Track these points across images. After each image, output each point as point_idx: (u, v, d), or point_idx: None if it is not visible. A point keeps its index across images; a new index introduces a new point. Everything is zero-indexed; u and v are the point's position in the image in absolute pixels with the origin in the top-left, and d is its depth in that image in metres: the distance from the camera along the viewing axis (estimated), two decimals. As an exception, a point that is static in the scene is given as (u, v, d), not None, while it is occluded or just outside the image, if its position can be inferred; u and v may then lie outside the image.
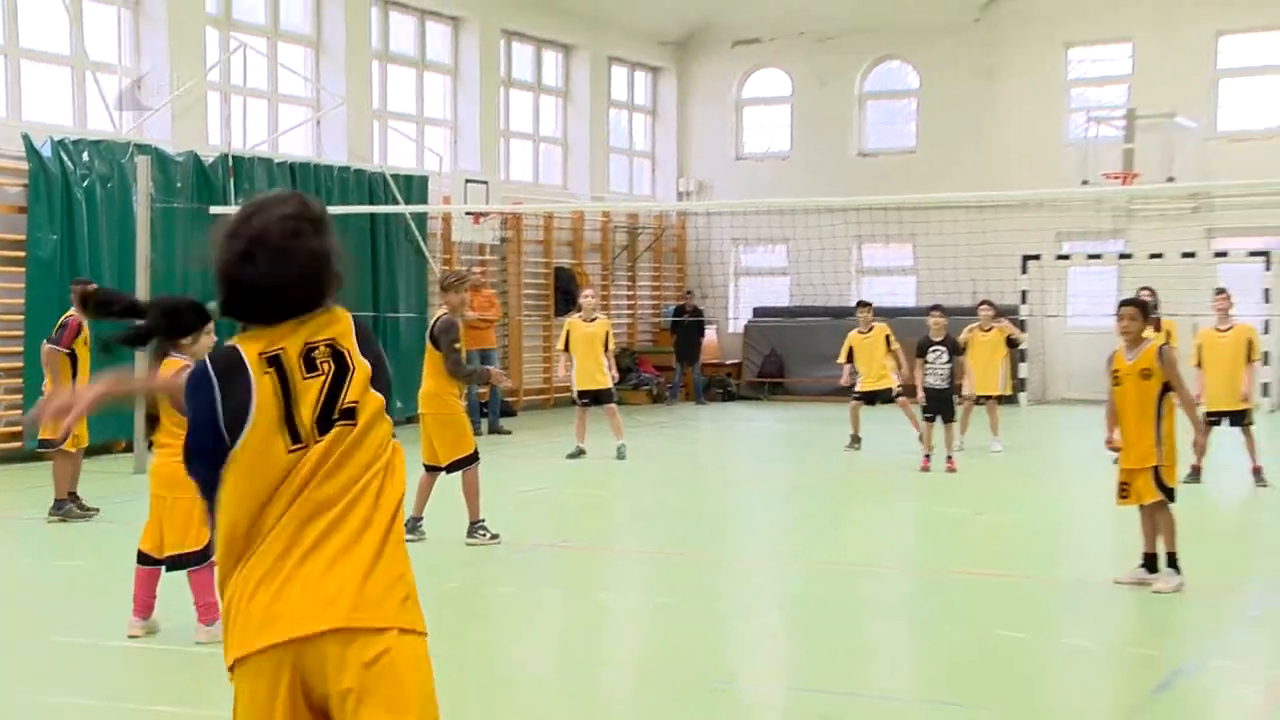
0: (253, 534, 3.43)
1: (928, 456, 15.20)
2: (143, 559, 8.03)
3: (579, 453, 16.28)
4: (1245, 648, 8.08)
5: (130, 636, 7.96)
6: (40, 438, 12.29)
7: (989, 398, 17.01)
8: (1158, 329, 13.63)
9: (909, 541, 12.05)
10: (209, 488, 3.48)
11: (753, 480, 16.12)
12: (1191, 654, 7.76)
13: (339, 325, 3.59)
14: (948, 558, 10.73)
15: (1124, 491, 9.26)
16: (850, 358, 17.07)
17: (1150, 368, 9.13)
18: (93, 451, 16.75)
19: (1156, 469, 9.11)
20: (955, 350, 15.50)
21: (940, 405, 15.26)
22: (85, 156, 16.87)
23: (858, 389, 17.05)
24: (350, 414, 3.50)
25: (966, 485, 14.41)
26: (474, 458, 10.86)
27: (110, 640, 7.98)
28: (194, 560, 7.90)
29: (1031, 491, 14.61)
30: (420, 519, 10.96)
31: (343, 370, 3.53)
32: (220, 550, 3.48)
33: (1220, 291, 14.80)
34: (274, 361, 3.46)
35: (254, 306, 3.52)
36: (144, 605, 8.04)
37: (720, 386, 26.62)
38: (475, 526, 10.91)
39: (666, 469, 16.78)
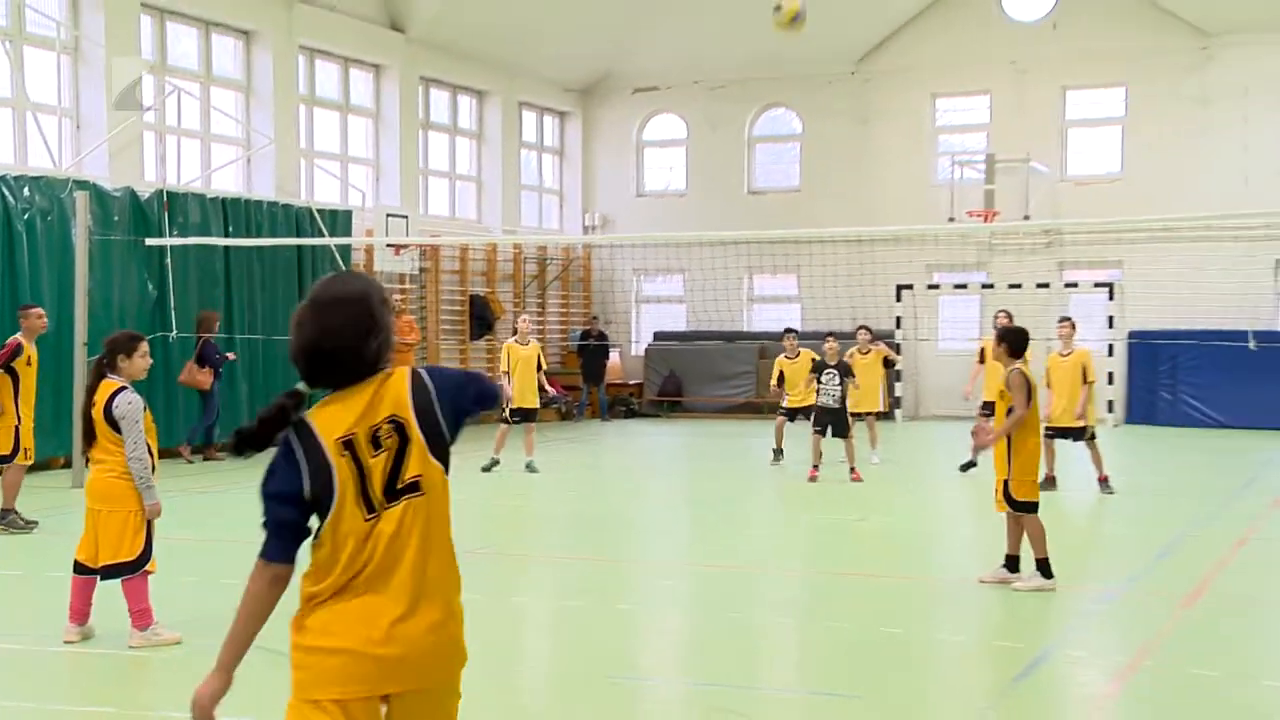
0: (338, 586, 3.68)
1: (815, 467, 15.32)
2: (78, 568, 7.85)
3: (494, 464, 16.12)
4: (1095, 639, 8.20)
5: (66, 642, 7.76)
6: None
7: (869, 414, 17.19)
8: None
9: (798, 546, 12.10)
10: (285, 544, 3.79)
11: (655, 490, 16.12)
12: (1048, 645, 7.86)
13: (397, 394, 3.70)
14: (833, 560, 10.79)
15: (997, 499, 9.41)
16: (781, 380, 16.98)
17: (1004, 389, 9.35)
18: (33, 467, 16.37)
19: (1006, 482, 9.26)
20: (846, 373, 15.66)
21: (832, 421, 15.42)
22: (26, 191, 16.49)
23: (784, 405, 17.01)
24: (414, 487, 3.66)
25: (850, 494, 14.52)
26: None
27: (47, 646, 7.77)
28: (128, 570, 7.73)
29: (908, 499, 14.75)
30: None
31: (405, 443, 3.66)
32: (304, 593, 3.79)
33: (1063, 320, 14.95)
34: (349, 445, 3.62)
35: (321, 377, 3.75)
36: (79, 612, 7.85)
37: (623, 405, 26.61)
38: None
39: (577, 481, 16.73)
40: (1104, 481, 14.20)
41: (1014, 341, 9.54)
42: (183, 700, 6.80)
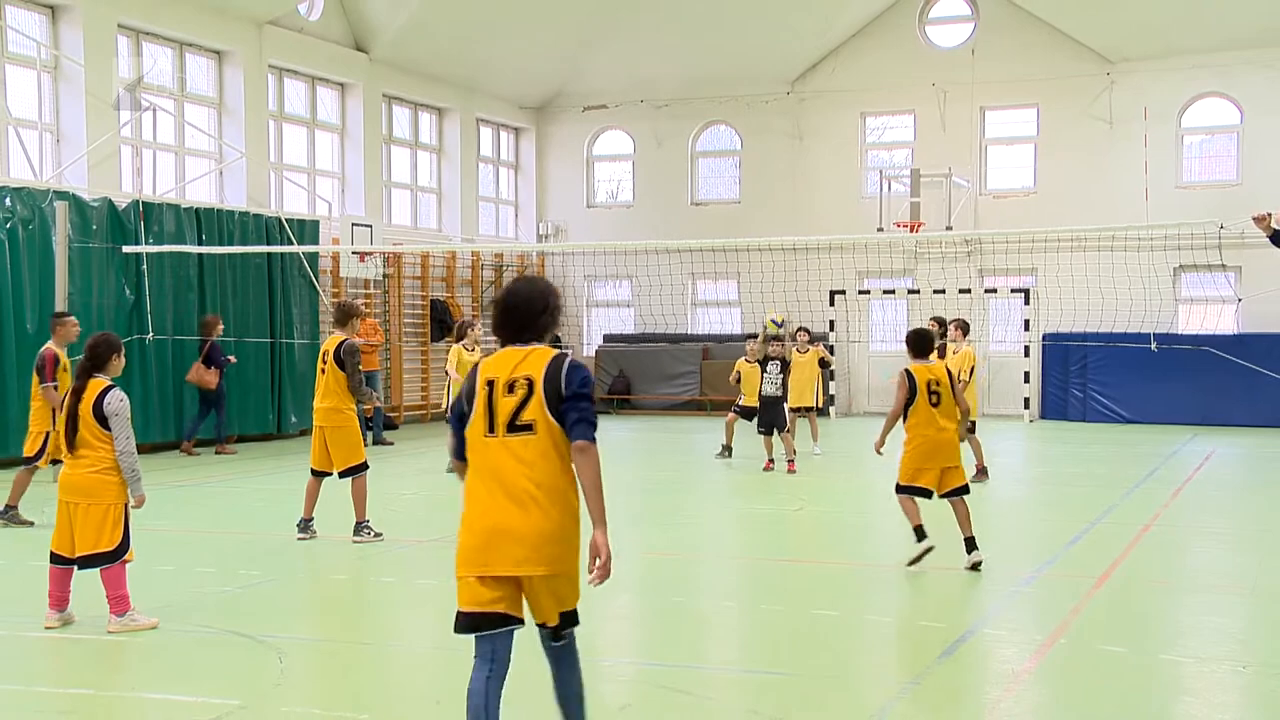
0: (469, 483, 4.98)
1: (771, 460, 15.47)
2: (55, 559, 7.72)
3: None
4: (1014, 619, 8.25)
5: (46, 628, 7.63)
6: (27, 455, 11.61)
7: (807, 409, 17.28)
8: (941, 355, 13.96)
9: (739, 534, 12.10)
10: (459, 447, 5.00)
11: (605, 482, 16.04)
12: (970, 626, 7.90)
13: (536, 362, 4.84)
14: (772, 547, 10.80)
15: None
16: (739, 380, 16.89)
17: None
18: (15, 463, 16.12)
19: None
20: (786, 368, 15.83)
21: (772, 414, 15.49)
22: (8, 201, 16.22)
23: (739, 403, 16.95)
24: (527, 426, 4.79)
25: (789, 485, 14.54)
26: (364, 466, 10.64)
27: (28, 631, 7.63)
28: (106, 560, 7.63)
29: (842, 490, 14.81)
30: (311, 519, 10.72)
31: (528, 394, 4.79)
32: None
33: (951, 322, 14.75)
34: (489, 385, 4.86)
35: (501, 329, 4.97)
36: (59, 599, 7.73)
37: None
38: (361, 526, 10.69)
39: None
40: (981, 470, 14.26)
41: (913, 343, 9.69)
42: (157, 682, 6.72)
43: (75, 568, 7.70)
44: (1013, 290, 24.32)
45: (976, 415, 14.58)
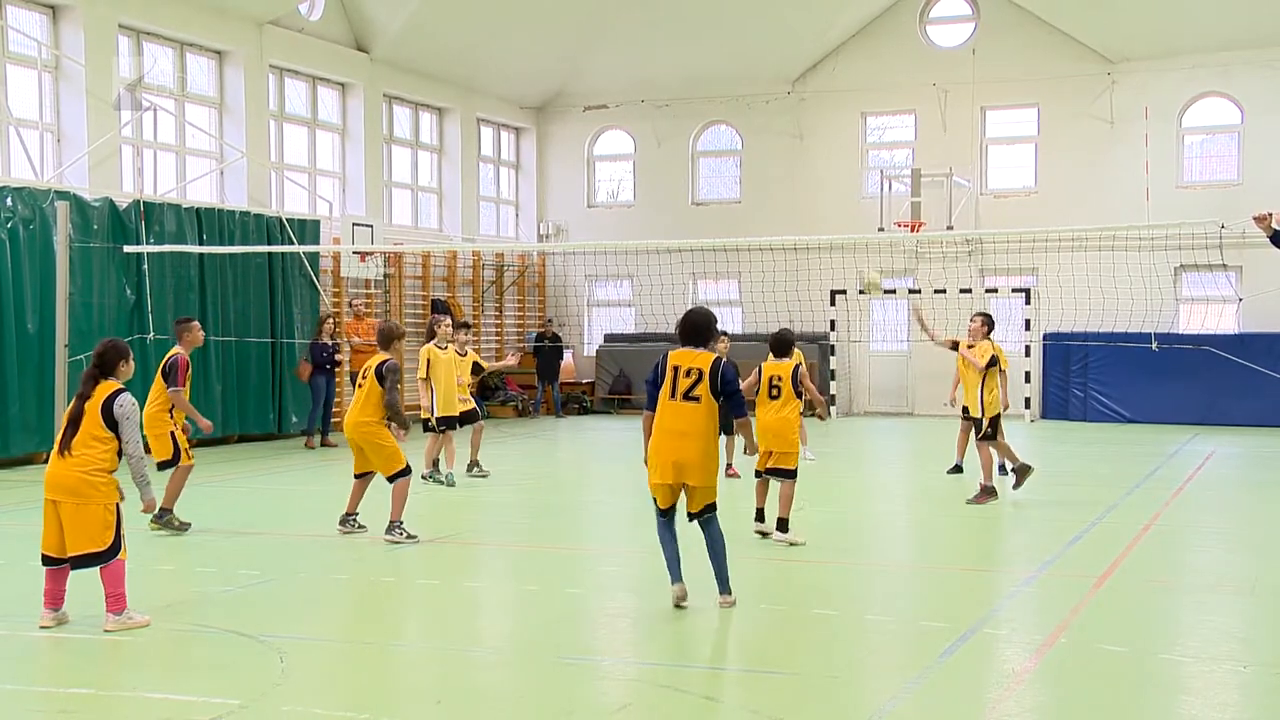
0: (657, 426, 8.24)
1: (730, 465, 15.22)
2: (47, 561, 7.72)
3: (431, 476, 14.74)
4: (1015, 618, 8.25)
5: (42, 627, 7.63)
6: (159, 460, 11.18)
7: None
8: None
9: (738, 533, 12.06)
10: (652, 402, 8.32)
11: (605, 482, 16.07)
12: (971, 625, 7.90)
13: (704, 360, 8.17)
14: (772, 546, 10.77)
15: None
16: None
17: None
18: (14, 462, 16.14)
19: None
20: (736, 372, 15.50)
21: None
22: (9, 201, 16.21)
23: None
24: (695, 397, 8.09)
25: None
26: (407, 470, 10.74)
27: (25, 631, 7.63)
28: (99, 560, 7.62)
29: (844, 490, 14.79)
30: (354, 514, 11.00)
31: (699, 380, 8.09)
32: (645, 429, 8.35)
33: (976, 315, 14.49)
34: (674, 369, 8.19)
35: (685, 340, 8.32)
36: (53, 598, 7.73)
37: (576, 402, 26.54)
38: (394, 526, 10.68)
39: (531, 473, 16.64)
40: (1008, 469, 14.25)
41: (774, 345, 10.94)
42: (157, 681, 6.72)
43: (68, 568, 7.70)
44: (1013, 290, 24.30)
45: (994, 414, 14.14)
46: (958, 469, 15.14)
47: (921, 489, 14.41)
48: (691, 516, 8.22)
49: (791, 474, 10.57)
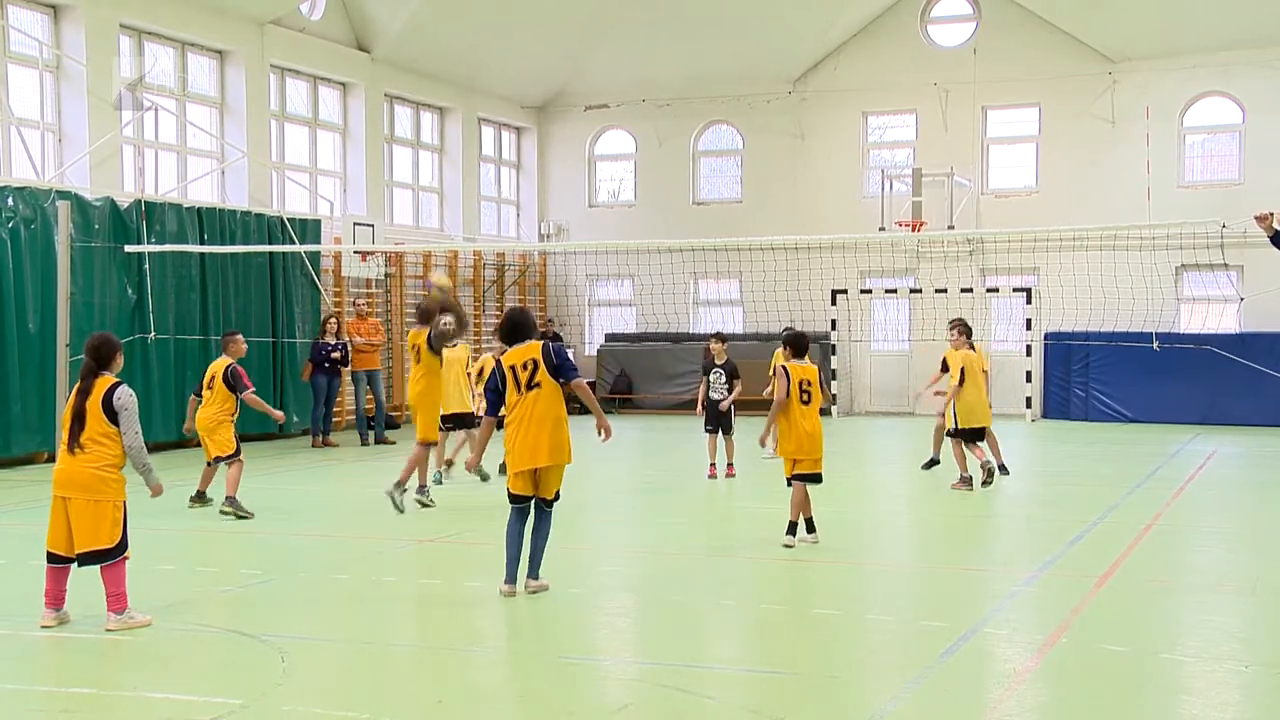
0: (510, 422, 8.56)
1: (713, 465, 15.22)
2: (52, 558, 7.72)
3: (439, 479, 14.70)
4: (1016, 618, 8.24)
5: (43, 627, 7.64)
6: (217, 455, 12.39)
7: None
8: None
9: (738, 533, 12.09)
10: (494, 408, 8.67)
11: (605, 481, 16.06)
12: (972, 625, 7.89)
13: (534, 350, 8.61)
14: (772, 546, 10.77)
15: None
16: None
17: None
18: (17, 461, 16.15)
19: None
20: (733, 374, 15.52)
21: (718, 419, 15.32)
22: (10, 201, 16.22)
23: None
24: (538, 384, 8.53)
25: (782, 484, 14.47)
26: (432, 444, 12.81)
27: (27, 631, 7.64)
28: (106, 557, 7.63)
29: (845, 490, 14.75)
30: (429, 483, 12.81)
31: (535, 368, 8.54)
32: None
33: (954, 325, 14.50)
34: (512, 368, 8.57)
35: (511, 339, 8.76)
36: (55, 598, 7.73)
37: (577, 402, 26.46)
38: (401, 486, 12.19)
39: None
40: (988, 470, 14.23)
41: (791, 343, 10.68)
42: (158, 681, 6.72)
43: (73, 566, 7.71)
44: (1015, 289, 24.30)
45: (980, 422, 14.08)
46: (934, 462, 15.09)
47: (922, 489, 14.41)
48: (543, 503, 8.61)
49: (820, 479, 10.60)
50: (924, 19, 25.72)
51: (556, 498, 8.69)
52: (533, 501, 8.61)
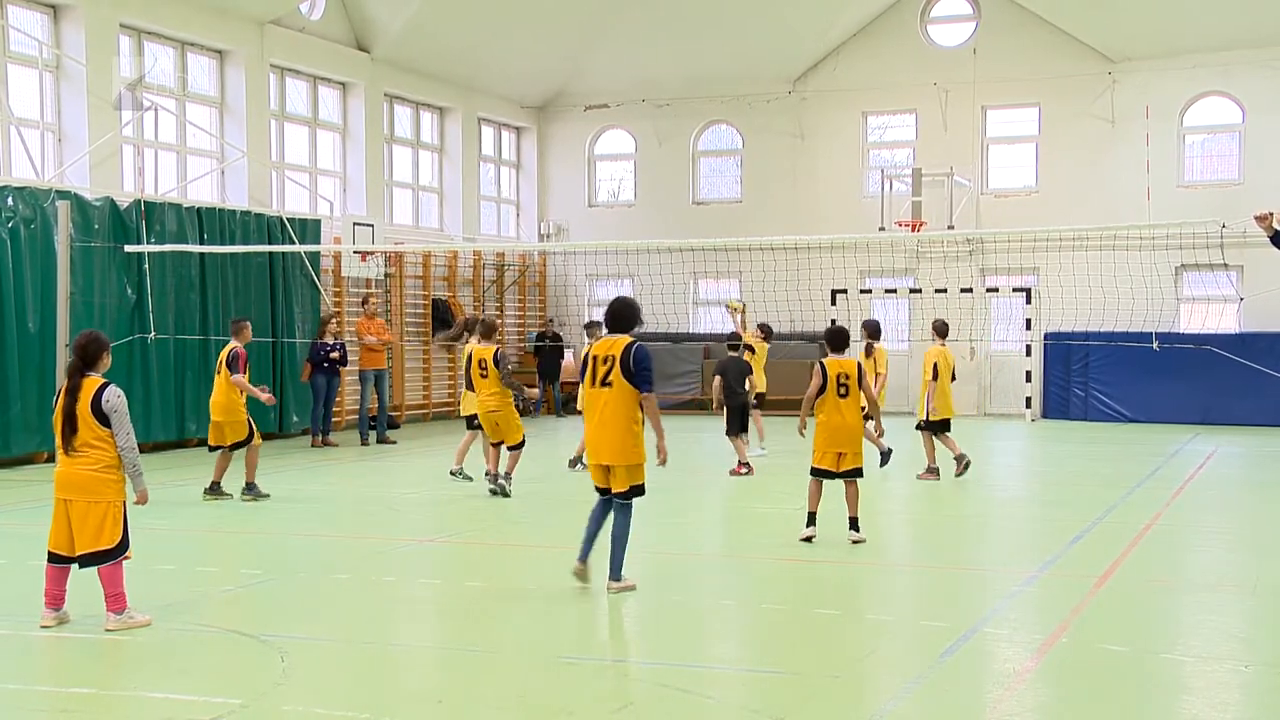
0: (583, 412, 8.81)
1: (740, 463, 15.29)
2: (53, 558, 7.71)
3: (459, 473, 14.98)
4: (1016, 618, 8.24)
5: (43, 626, 7.63)
6: (234, 441, 12.87)
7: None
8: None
9: (738, 532, 12.09)
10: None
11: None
12: (972, 624, 7.89)
13: (618, 346, 8.56)
14: (773, 545, 10.78)
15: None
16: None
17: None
18: (17, 462, 16.14)
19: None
20: (748, 371, 15.70)
21: (739, 416, 15.43)
22: (10, 201, 16.22)
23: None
24: (609, 382, 8.47)
25: (790, 484, 14.48)
26: (523, 443, 13.36)
27: (26, 631, 7.63)
28: (107, 557, 7.63)
29: (841, 488, 14.71)
30: (497, 474, 13.32)
31: (612, 366, 8.47)
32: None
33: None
34: (594, 359, 8.60)
35: (609, 326, 8.81)
36: (54, 598, 7.72)
37: (577, 401, 26.49)
38: (506, 476, 13.27)
39: (531, 473, 16.59)
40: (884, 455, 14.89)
41: (830, 339, 10.91)
42: (158, 681, 6.72)
43: (74, 566, 7.70)
44: (1014, 289, 24.29)
45: (950, 414, 14.78)
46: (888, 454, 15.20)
47: (922, 488, 14.40)
48: (616, 496, 8.65)
49: (861, 473, 10.60)
50: (924, 19, 25.71)
51: (633, 493, 8.62)
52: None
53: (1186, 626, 8.03)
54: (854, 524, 10.48)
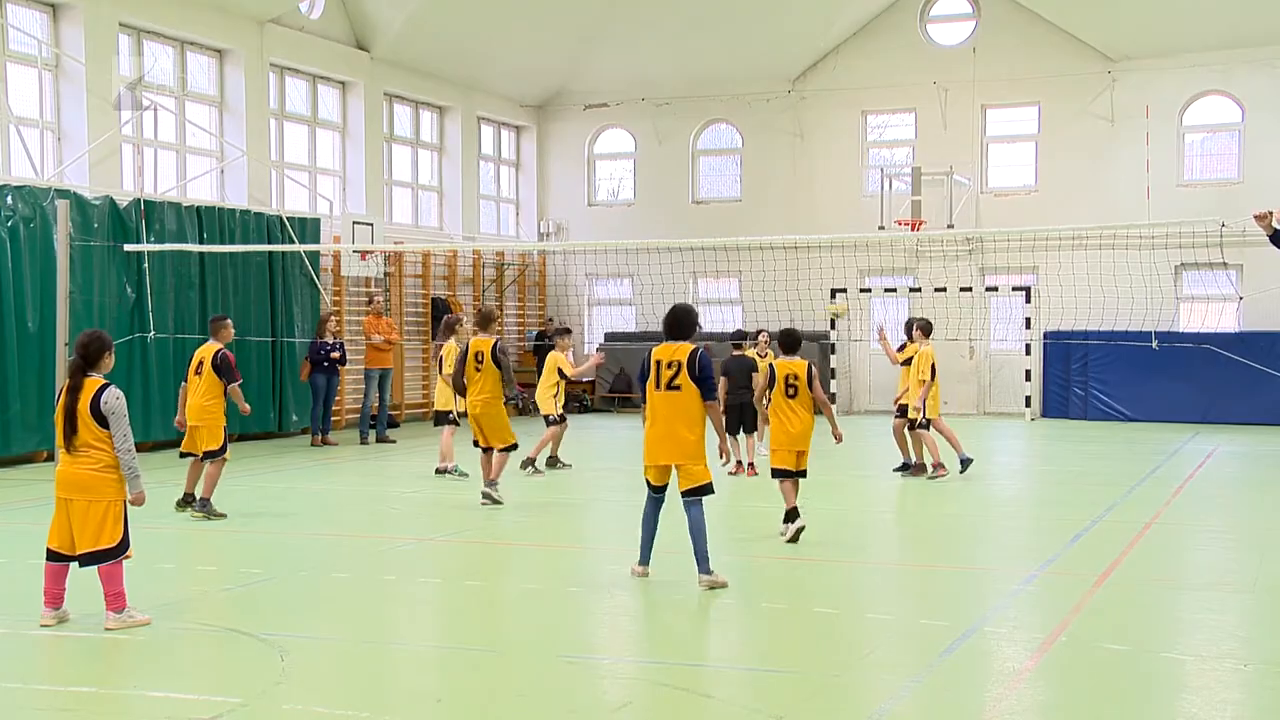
0: (646, 414, 9.01)
1: (739, 463, 15.28)
2: (52, 556, 7.71)
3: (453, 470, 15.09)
4: (1016, 617, 8.24)
5: (42, 625, 7.63)
6: (207, 449, 11.88)
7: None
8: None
9: (739, 531, 12.07)
10: (644, 394, 9.02)
11: (606, 480, 16.06)
12: (972, 623, 7.89)
13: (683, 352, 8.85)
14: (773, 544, 10.77)
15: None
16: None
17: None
18: (16, 460, 16.14)
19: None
20: (754, 369, 15.65)
21: (744, 417, 15.39)
22: (10, 200, 16.22)
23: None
24: (677, 386, 8.79)
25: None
26: (515, 446, 12.70)
27: (26, 630, 7.63)
28: (107, 557, 7.63)
29: (844, 489, 14.77)
30: (495, 481, 12.64)
31: (678, 371, 8.76)
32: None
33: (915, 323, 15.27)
34: (657, 363, 8.89)
35: (669, 333, 8.99)
36: (54, 597, 7.72)
37: (577, 401, 26.51)
38: (494, 483, 12.51)
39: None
40: (937, 466, 14.70)
41: (781, 340, 11.06)
42: (158, 679, 6.72)
43: (74, 565, 7.70)
44: (1014, 288, 24.30)
45: (934, 412, 14.83)
46: (906, 466, 15.16)
47: (922, 488, 14.41)
48: (685, 495, 8.82)
49: (804, 474, 10.79)
50: (923, 18, 25.71)
51: (704, 490, 8.76)
52: (674, 494, 8.93)
53: (1186, 625, 8.04)
54: (791, 515, 10.56)
